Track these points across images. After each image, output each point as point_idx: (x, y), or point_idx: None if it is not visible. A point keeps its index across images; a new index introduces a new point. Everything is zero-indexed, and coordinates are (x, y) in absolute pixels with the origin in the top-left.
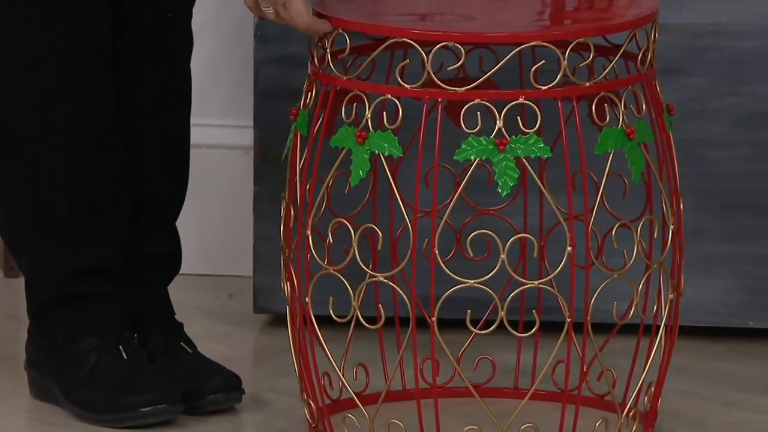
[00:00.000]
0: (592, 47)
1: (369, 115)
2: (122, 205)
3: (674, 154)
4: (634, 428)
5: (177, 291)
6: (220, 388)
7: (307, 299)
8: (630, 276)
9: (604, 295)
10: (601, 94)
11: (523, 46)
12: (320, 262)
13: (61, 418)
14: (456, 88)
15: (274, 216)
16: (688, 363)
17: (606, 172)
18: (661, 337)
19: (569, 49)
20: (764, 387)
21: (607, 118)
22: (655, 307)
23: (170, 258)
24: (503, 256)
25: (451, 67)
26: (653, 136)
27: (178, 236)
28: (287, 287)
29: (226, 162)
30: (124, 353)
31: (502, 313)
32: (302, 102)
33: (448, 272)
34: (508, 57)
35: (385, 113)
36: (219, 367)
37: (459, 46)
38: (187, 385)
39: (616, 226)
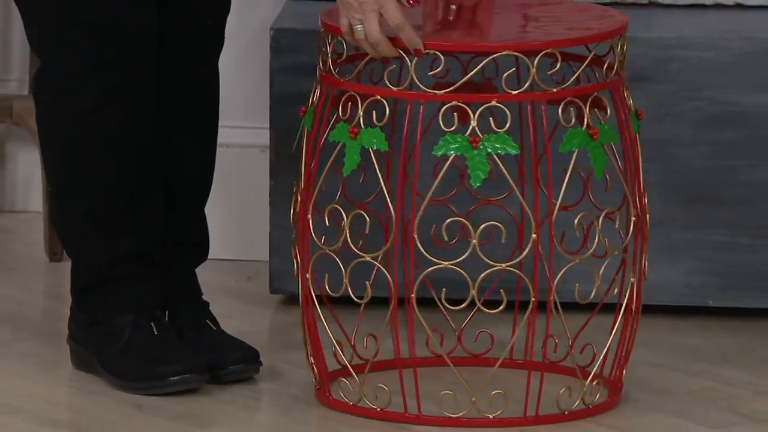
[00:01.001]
0: (559, 56)
1: (361, 114)
2: (158, 197)
3: (639, 155)
4: (598, 395)
5: (202, 274)
6: (240, 360)
7: (308, 276)
8: (599, 261)
9: (588, 277)
10: (567, 98)
11: (496, 55)
12: (318, 243)
13: (99, 386)
14: (435, 91)
15: (287, 207)
16: (654, 338)
17: (570, 168)
18: (621, 314)
19: (538, 57)
20: (723, 359)
21: (572, 120)
22: (616, 289)
23: (199, 245)
24: (474, 240)
25: (431, 72)
26: (618, 139)
27: (206, 227)
28: (295, 264)
29: (244, 159)
30: (155, 329)
31: (473, 292)
32: (310, 101)
33: (427, 254)
34: (480, 66)
35: (374, 112)
36: (239, 341)
37: (439, 54)
38: (211, 357)
39: (578, 217)
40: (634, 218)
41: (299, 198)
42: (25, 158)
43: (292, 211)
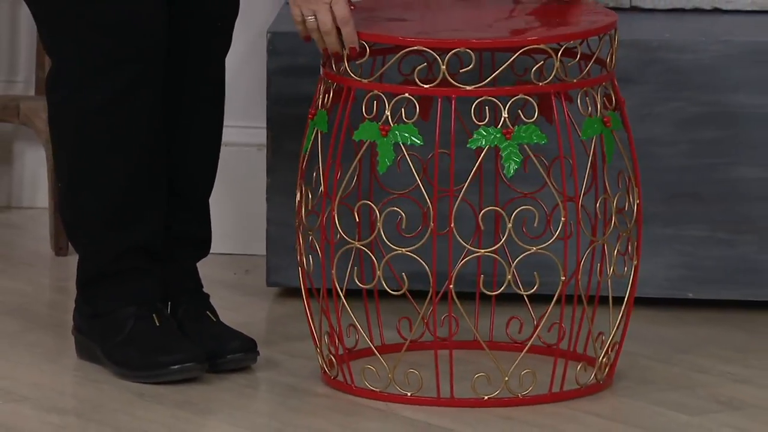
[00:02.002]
0: (578, 52)
1: (389, 113)
2: (162, 194)
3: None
4: (600, 375)
5: (203, 267)
6: (238, 350)
7: (332, 271)
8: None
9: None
10: (585, 89)
11: (524, 48)
12: (347, 237)
13: (103, 375)
14: (466, 86)
15: (283, 203)
16: (636, 329)
17: (591, 155)
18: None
19: (560, 53)
20: (701, 349)
21: (589, 108)
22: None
23: (202, 241)
24: (510, 225)
25: (463, 70)
26: (621, 125)
27: (210, 223)
28: (306, 259)
29: (242, 157)
30: (156, 320)
31: (449, 287)
32: (319, 102)
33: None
34: (513, 59)
35: (403, 110)
36: (237, 332)
37: (470, 52)
38: (211, 347)
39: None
40: (637, 201)
41: (309, 195)
42: (32, 157)
43: (303, 208)
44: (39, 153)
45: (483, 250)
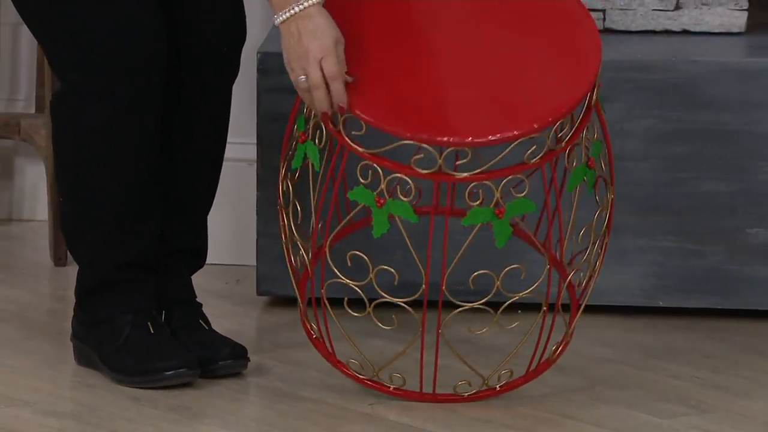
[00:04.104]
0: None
1: (384, 187)
2: (159, 208)
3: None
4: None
5: (195, 277)
6: (229, 356)
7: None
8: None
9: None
10: (575, 142)
11: (514, 143)
12: (343, 278)
13: (100, 381)
14: (461, 174)
15: (272, 216)
16: (610, 336)
17: (574, 207)
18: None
19: (554, 128)
20: (672, 355)
21: (575, 163)
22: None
23: (199, 254)
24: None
25: (459, 162)
26: (601, 148)
27: (206, 237)
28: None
29: (234, 172)
30: (151, 328)
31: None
32: (309, 134)
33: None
34: (505, 152)
35: (399, 187)
36: (229, 339)
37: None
38: (203, 353)
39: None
40: (612, 196)
41: (299, 210)
42: (32, 171)
43: (293, 225)
44: (39, 168)
45: (468, 305)
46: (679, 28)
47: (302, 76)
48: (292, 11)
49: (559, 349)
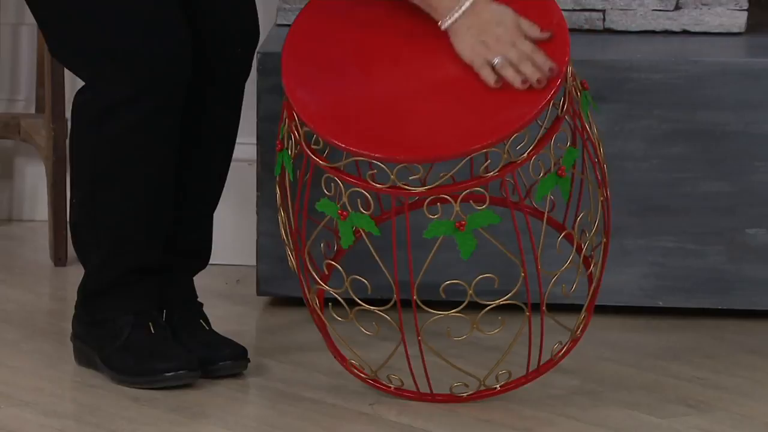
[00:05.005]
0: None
1: (345, 200)
2: (169, 215)
3: (600, 153)
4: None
5: (196, 277)
6: (229, 357)
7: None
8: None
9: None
10: (533, 159)
11: (473, 155)
12: (329, 290)
13: (100, 381)
14: (417, 188)
15: (272, 216)
16: (610, 336)
17: (547, 211)
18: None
19: (509, 142)
20: (673, 355)
21: (541, 172)
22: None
23: (202, 255)
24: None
25: (412, 178)
26: (577, 153)
27: (211, 240)
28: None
29: (234, 172)
30: (152, 329)
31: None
32: (287, 144)
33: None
34: (460, 164)
35: (359, 200)
36: (229, 340)
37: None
38: (203, 354)
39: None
40: (602, 198)
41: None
42: (32, 172)
43: (288, 229)
44: (39, 168)
45: (445, 312)
46: (679, 28)
47: (497, 58)
48: (464, 6)
49: (564, 349)
